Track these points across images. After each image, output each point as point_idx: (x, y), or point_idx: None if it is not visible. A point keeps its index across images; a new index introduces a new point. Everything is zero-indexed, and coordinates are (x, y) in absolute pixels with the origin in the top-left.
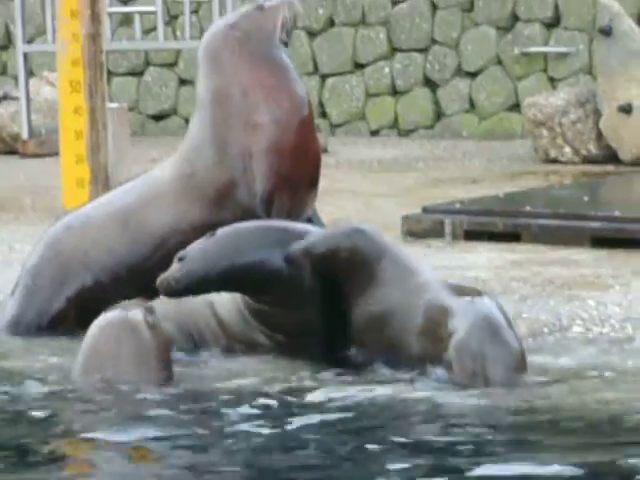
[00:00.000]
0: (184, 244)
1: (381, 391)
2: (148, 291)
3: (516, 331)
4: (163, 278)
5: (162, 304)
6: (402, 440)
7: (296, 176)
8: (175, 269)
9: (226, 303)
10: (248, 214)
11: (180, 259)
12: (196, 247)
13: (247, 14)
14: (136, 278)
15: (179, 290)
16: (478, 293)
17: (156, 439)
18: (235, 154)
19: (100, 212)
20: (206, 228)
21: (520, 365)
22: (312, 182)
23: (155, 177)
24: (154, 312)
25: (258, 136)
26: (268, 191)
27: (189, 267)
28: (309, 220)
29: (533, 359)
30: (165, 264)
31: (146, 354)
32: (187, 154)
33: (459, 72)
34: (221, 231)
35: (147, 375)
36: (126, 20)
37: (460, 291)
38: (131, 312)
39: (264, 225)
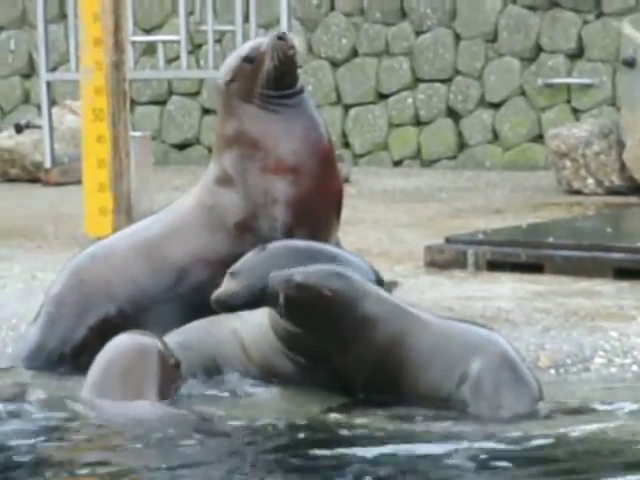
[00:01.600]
0: (207, 275)
1: (395, 425)
2: (170, 321)
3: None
4: (220, 293)
5: (185, 334)
6: (415, 474)
7: (317, 211)
8: (232, 284)
9: (252, 331)
10: None
11: (232, 274)
12: (249, 261)
13: (238, 69)
14: (159, 308)
15: (238, 305)
16: (486, 328)
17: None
18: (255, 191)
19: (124, 242)
20: (229, 259)
21: (537, 401)
22: (334, 215)
23: (178, 208)
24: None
25: (276, 180)
26: (288, 225)
27: (247, 281)
28: None
29: (555, 391)
30: (188, 295)
31: (152, 375)
32: (209, 185)
33: (482, 103)
34: (272, 245)
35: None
36: (149, 49)
37: (469, 327)
38: (142, 336)
39: (315, 243)
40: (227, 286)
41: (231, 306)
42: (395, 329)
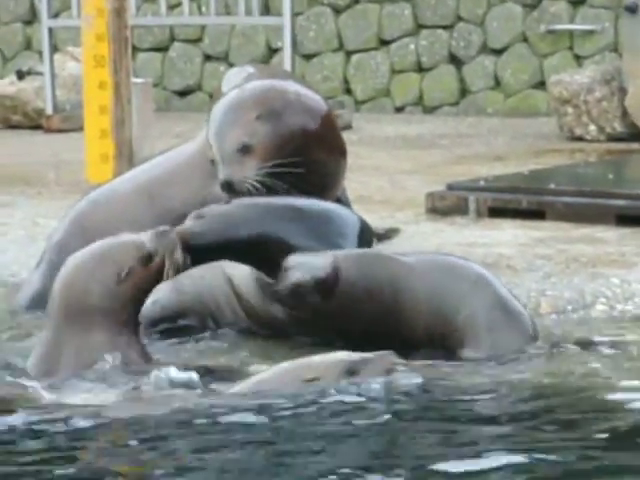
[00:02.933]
0: None
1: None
2: None
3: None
4: (181, 230)
5: (182, 280)
6: (408, 417)
7: (321, 163)
8: (194, 224)
9: (246, 279)
10: None
11: (198, 217)
12: (216, 209)
13: None
14: None
15: (194, 246)
16: (476, 266)
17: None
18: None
19: (126, 187)
20: None
21: (532, 339)
22: (340, 170)
23: (181, 152)
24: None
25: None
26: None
27: (209, 225)
28: (338, 200)
29: (555, 336)
30: None
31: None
32: None
33: (484, 49)
34: (239, 200)
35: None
36: None
37: (461, 266)
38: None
39: (284, 201)
40: (189, 224)
41: (188, 246)
42: (384, 278)
